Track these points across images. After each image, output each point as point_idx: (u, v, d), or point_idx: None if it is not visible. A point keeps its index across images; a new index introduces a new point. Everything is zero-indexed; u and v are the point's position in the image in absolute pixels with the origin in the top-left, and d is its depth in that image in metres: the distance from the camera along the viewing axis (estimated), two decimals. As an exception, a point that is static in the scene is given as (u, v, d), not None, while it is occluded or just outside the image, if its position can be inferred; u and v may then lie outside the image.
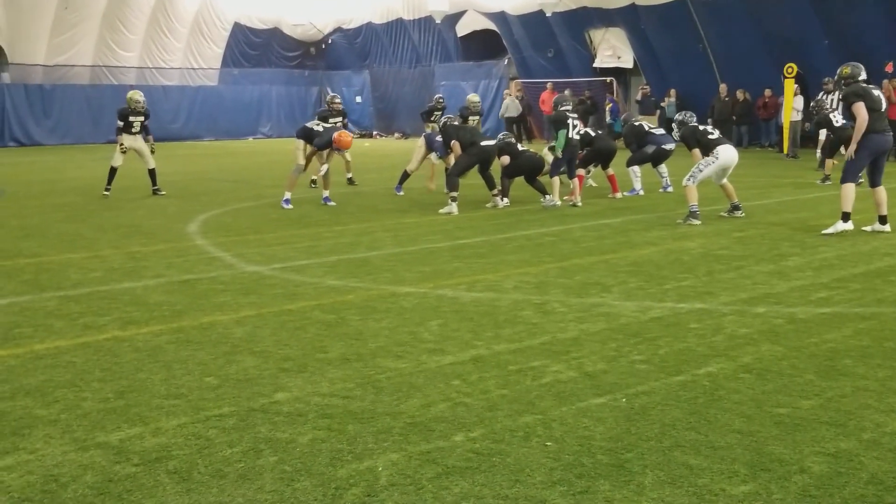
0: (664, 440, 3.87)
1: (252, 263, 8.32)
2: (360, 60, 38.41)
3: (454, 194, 11.97)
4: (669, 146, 13.62)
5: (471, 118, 15.55)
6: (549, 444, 3.85)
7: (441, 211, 11.83)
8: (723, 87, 24.32)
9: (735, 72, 24.64)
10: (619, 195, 13.34)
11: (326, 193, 13.14)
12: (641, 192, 13.75)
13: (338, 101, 16.11)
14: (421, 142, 14.29)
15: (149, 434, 4.03)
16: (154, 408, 4.38)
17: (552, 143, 12.77)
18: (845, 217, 9.32)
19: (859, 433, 3.91)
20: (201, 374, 4.91)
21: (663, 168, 14.11)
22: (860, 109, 9.06)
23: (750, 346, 5.30)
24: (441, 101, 18.06)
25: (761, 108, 24.02)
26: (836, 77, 9.90)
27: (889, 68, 20.58)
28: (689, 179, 10.71)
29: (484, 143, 12.48)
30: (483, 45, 33.01)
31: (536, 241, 9.44)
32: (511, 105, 29.75)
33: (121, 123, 14.39)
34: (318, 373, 4.91)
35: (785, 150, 21.74)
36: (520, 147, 13.15)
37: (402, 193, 14.13)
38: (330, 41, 39.26)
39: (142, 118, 14.42)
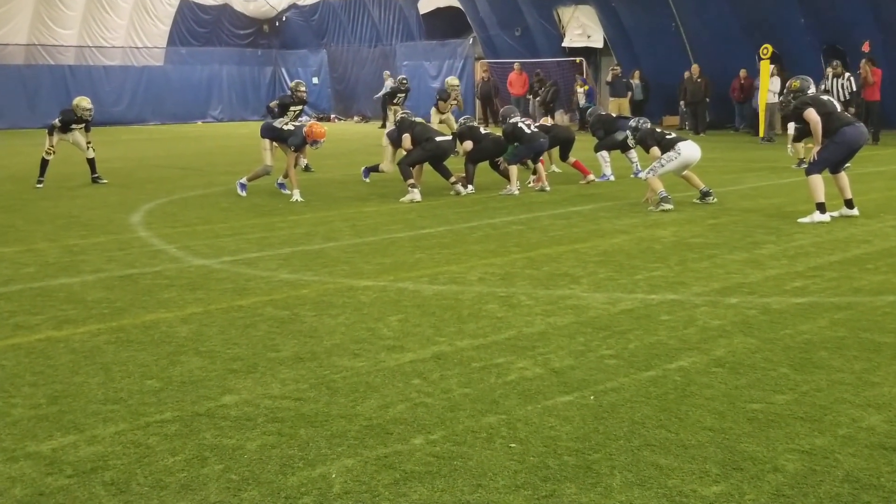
0: (633, 439, 3.88)
1: (200, 256, 8.22)
2: (317, 39, 38.15)
3: (411, 181, 11.98)
4: None
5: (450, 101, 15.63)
6: (513, 445, 3.84)
7: (402, 200, 11.79)
8: (695, 68, 24.47)
9: (709, 52, 24.81)
10: (591, 177, 13.39)
11: (282, 180, 13.02)
12: (612, 178, 13.81)
13: (303, 88, 15.81)
14: (385, 141, 14.10)
15: (84, 442, 3.96)
16: (90, 414, 4.30)
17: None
18: (820, 208, 9.52)
19: (834, 429, 3.95)
20: (142, 377, 4.83)
21: (633, 154, 14.18)
22: (811, 114, 9.57)
23: (723, 339, 5.34)
24: (405, 82, 17.98)
25: (736, 90, 24.22)
26: (785, 90, 10.58)
27: (866, 48, 20.87)
28: (648, 172, 10.90)
29: (439, 139, 12.46)
30: (447, 24, 32.95)
31: (502, 231, 9.44)
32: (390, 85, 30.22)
33: (58, 124, 14.10)
34: (268, 373, 4.85)
35: (761, 134, 21.97)
36: (483, 130, 13.14)
37: (367, 181, 14.07)
38: (284, 18, 38.93)
39: (83, 125, 14.20)
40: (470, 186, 12.63)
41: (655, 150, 10.98)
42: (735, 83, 24.11)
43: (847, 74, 19.55)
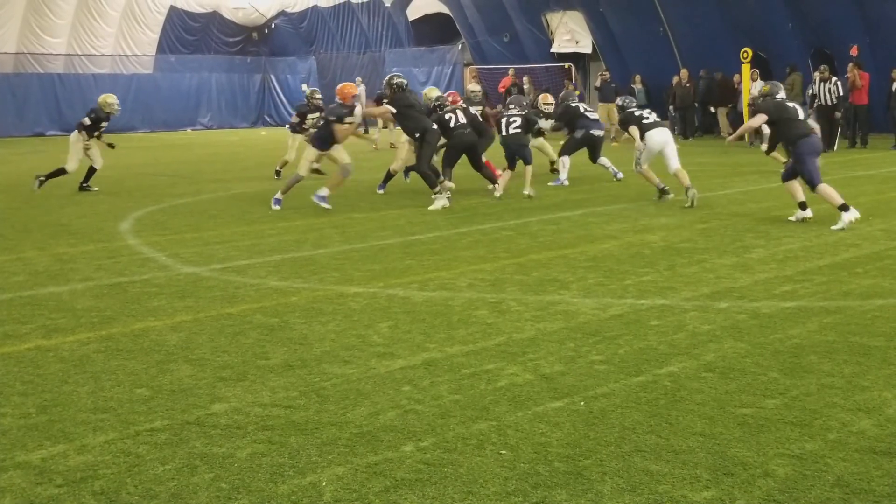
0: (624, 445, 3.87)
1: (189, 264, 8.19)
2: (306, 46, 38.17)
3: (437, 187, 11.67)
4: (598, 132, 14.08)
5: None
6: (503, 452, 3.83)
7: (431, 207, 11.50)
8: (684, 73, 24.55)
9: (698, 57, 24.87)
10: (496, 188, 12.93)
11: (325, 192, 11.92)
12: (566, 183, 13.89)
13: (318, 95, 15.98)
14: (403, 138, 14.00)
15: (73, 452, 3.93)
16: (80, 423, 4.28)
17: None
18: (844, 208, 9.41)
19: (825, 433, 3.95)
20: (132, 386, 4.81)
21: (604, 160, 14.26)
22: (758, 117, 10.29)
23: (712, 344, 5.34)
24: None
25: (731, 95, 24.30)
26: (757, 93, 11.42)
27: (854, 52, 20.97)
28: (637, 167, 11.60)
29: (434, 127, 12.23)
30: (436, 30, 33.00)
31: (492, 236, 9.44)
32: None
33: (88, 123, 14.01)
34: (258, 381, 4.83)
35: (746, 138, 22.03)
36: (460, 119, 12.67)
37: (381, 192, 13.61)
38: (273, 26, 38.93)
39: (107, 123, 14.25)
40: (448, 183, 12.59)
41: (634, 130, 11.57)
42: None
43: (834, 79, 19.66)
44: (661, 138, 11.63)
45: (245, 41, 38.94)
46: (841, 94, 19.63)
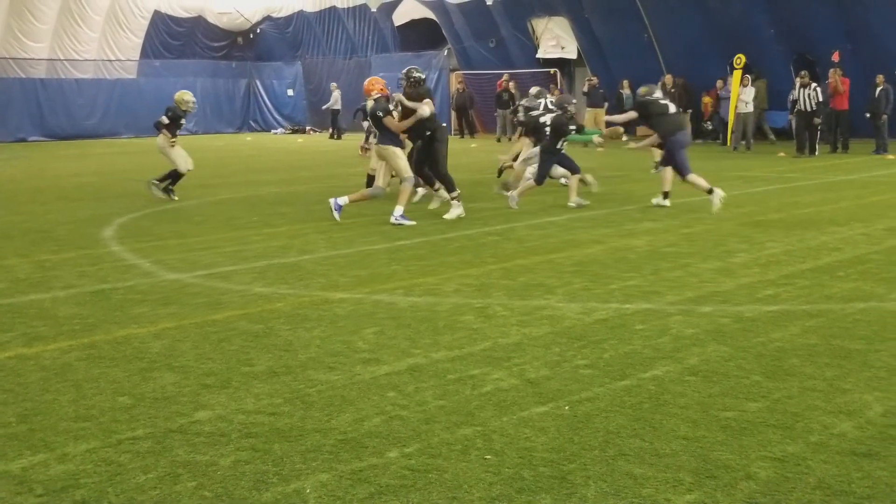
0: (608, 449, 3.89)
1: (173, 271, 8.17)
2: (292, 51, 38.15)
3: (455, 193, 11.31)
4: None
5: None
6: (488, 457, 3.84)
7: (447, 216, 11.11)
8: (668, 78, 24.67)
9: (682, 62, 25.03)
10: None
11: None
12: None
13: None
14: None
15: (54, 461, 3.91)
16: (61, 432, 4.26)
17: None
18: (710, 192, 11.05)
19: (806, 436, 3.99)
20: (114, 394, 4.79)
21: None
22: (628, 115, 12.20)
23: (696, 347, 5.38)
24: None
25: (715, 101, 24.45)
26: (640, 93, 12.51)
27: (836, 57, 21.15)
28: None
29: (444, 124, 11.96)
30: (422, 35, 33.05)
31: (478, 241, 9.46)
32: (336, 98, 30.67)
33: (166, 122, 14.01)
34: (242, 388, 4.83)
35: (728, 143, 22.21)
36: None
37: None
38: (259, 30, 38.90)
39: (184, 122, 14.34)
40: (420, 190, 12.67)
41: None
42: (711, 93, 24.34)
43: (814, 85, 19.81)
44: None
45: (230, 46, 38.87)
46: (820, 99, 19.77)
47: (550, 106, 13.61)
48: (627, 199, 12.52)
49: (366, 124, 13.22)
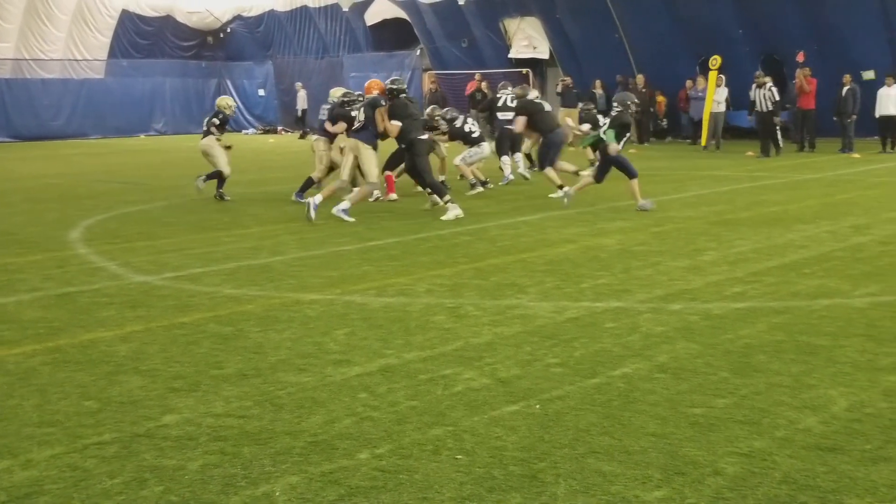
0: (578, 447, 3.92)
1: (141, 273, 8.11)
2: (263, 50, 37.92)
3: (448, 197, 11.24)
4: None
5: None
6: (459, 457, 3.85)
7: (445, 218, 10.98)
8: (640, 78, 24.84)
9: (653, 63, 25.21)
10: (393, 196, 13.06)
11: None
12: (512, 178, 14.77)
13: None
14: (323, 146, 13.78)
15: (18, 467, 3.87)
16: (25, 437, 4.21)
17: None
18: (561, 187, 12.14)
19: (773, 431, 4.04)
20: (80, 398, 4.74)
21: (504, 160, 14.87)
22: (520, 121, 12.99)
23: (665, 345, 5.42)
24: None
25: (683, 101, 24.64)
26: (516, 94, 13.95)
27: (800, 58, 21.38)
28: (459, 161, 13.60)
29: (422, 137, 11.72)
30: (394, 35, 33.00)
31: (451, 241, 9.47)
32: (302, 98, 30.67)
33: (218, 123, 14.07)
34: (211, 391, 4.80)
35: (703, 143, 22.36)
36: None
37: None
38: (229, 30, 38.64)
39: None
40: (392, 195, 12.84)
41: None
42: (682, 93, 24.54)
43: (769, 84, 19.95)
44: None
45: (200, 45, 38.57)
46: (777, 99, 19.89)
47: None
48: (599, 199, 12.58)
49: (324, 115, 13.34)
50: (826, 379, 4.74)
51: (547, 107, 13.27)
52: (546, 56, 28.68)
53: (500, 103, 15.21)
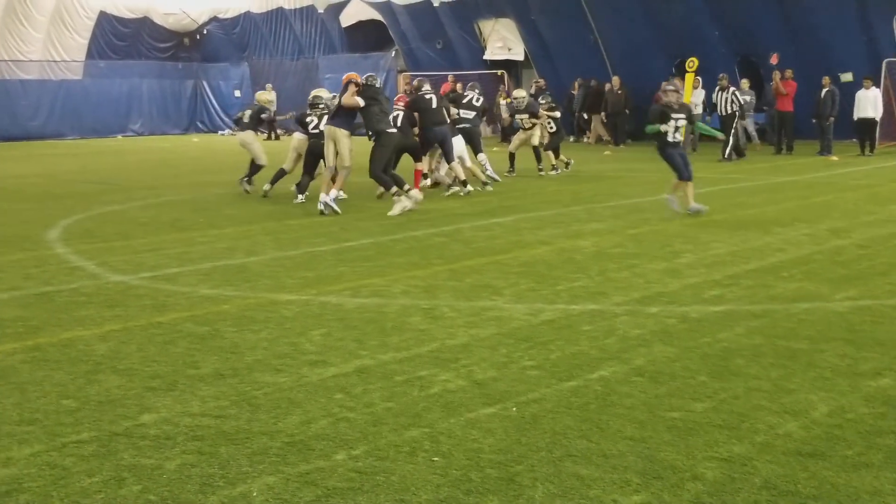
0: (555, 450, 3.88)
1: (118, 273, 8.00)
2: (239, 52, 37.68)
3: (394, 189, 11.58)
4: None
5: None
6: (435, 459, 3.81)
7: (391, 213, 11.33)
8: (615, 80, 24.89)
9: (628, 64, 25.24)
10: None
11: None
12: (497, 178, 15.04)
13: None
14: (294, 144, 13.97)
15: (-4, 465, 3.81)
16: (4, 435, 4.15)
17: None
18: (463, 184, 13.07)
19: (752, 436, 4.01)
20: (58, 397, 4.68)
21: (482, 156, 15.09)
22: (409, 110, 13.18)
23: (643, 348, 5.40)
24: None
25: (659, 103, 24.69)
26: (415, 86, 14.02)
27: (774, 60, 21.44)
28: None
29: (390, 130, 11.94)
30: (369, 37, 32.89)
31: (426, 243, 9.42)
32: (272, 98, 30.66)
33: (264, 118, 14.20)
34: (188, 391, 4.74)
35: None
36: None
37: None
38: (205, 31, 38.35)
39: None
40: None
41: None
42: (658, 95, 24.54)
43: (732, 88, 20.01)
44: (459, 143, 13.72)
45: (177, 47, 38.25)
46: (741, 103, 19.90)
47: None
48: (574, 200, 12.59)
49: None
50: (806, 383, 4.72)
51: (434, 103, 13.24)
52: (521, 57, 28.65)
53: (464, 101, 15.41)
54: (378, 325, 6.02)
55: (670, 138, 10.93)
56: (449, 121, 13.52)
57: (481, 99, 15.63)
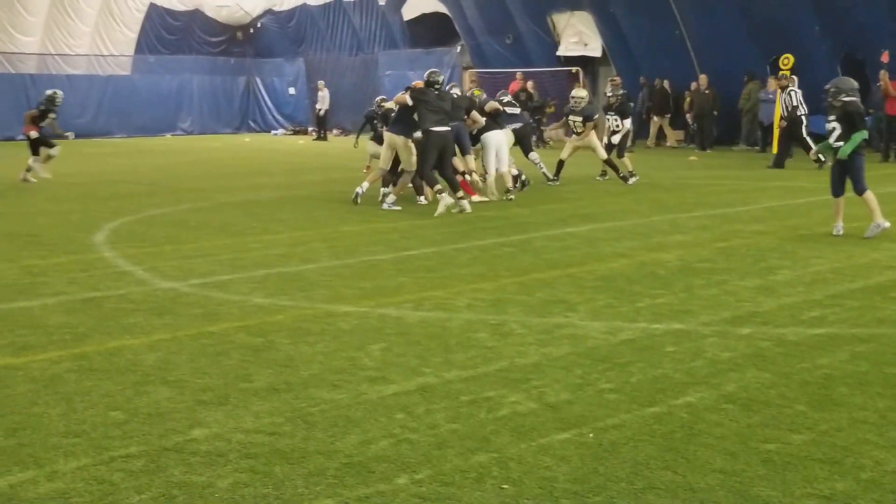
0: (636, 481, 3.84)
1: (167, 279, 8.16)
2: (294, 47, 38.21)
3: (438, 187, 12.41)
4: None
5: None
6: (505, 486, 3.80)
7: (437, 213, 12.04)
8: (703, 79, 24.58)
9: (716, 61, 24.87)
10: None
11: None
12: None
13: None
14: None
15: (44, 478, 3.91)
16: (50, 447, 4.25)
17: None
18: (439, 192, 12.28)
19: (857, 472, 3.92)
20: (106, 408, 4.78)
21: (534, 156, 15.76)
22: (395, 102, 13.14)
23: (734, 373, 5.32)
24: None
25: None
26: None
27: (885, 58, 20.91)
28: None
29: (436, 129, 12.32)
30: (432, 31, 33.04)
31: (492, 253, 9.43)
32: (323, 97, 30.94)
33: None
34: (241, 405, 4.81)
35: (773, 150, 21.95)
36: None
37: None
38: (259, 25, 39.00)
39: None
40: (421, 198, 13.25)
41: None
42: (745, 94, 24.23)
43: (789, 88, 19.54)
44: (497, 138, 13.88)
45: (229, 41, 38.96)
46: (795, 104, 19.38)
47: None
48: (655, 210, 12.47)
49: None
50: (916, 415, 4.60)
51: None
52: (598, 54, 28.47)
53: (505, 100, 15.65)
54: (441, 341, 6.04)
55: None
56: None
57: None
